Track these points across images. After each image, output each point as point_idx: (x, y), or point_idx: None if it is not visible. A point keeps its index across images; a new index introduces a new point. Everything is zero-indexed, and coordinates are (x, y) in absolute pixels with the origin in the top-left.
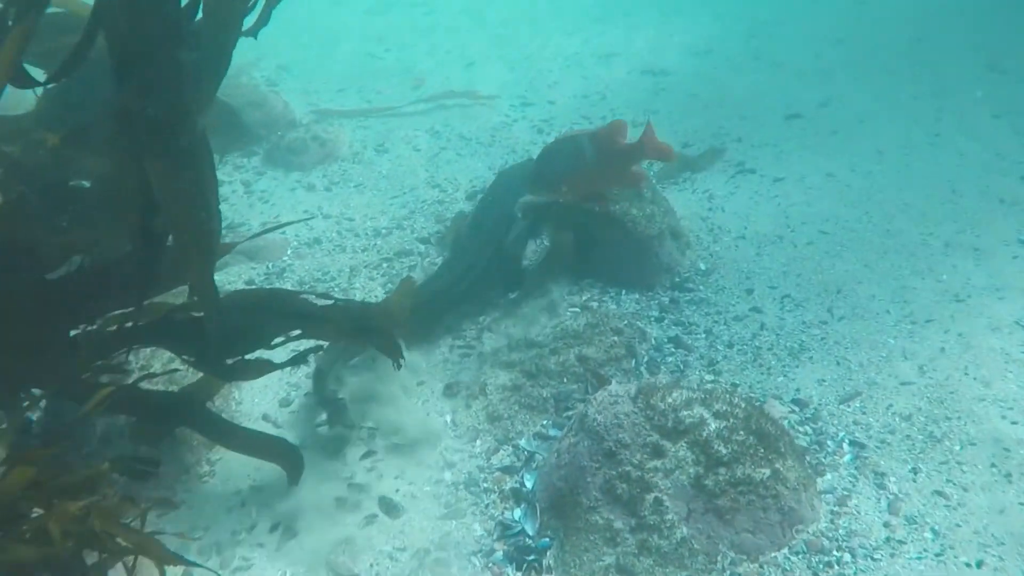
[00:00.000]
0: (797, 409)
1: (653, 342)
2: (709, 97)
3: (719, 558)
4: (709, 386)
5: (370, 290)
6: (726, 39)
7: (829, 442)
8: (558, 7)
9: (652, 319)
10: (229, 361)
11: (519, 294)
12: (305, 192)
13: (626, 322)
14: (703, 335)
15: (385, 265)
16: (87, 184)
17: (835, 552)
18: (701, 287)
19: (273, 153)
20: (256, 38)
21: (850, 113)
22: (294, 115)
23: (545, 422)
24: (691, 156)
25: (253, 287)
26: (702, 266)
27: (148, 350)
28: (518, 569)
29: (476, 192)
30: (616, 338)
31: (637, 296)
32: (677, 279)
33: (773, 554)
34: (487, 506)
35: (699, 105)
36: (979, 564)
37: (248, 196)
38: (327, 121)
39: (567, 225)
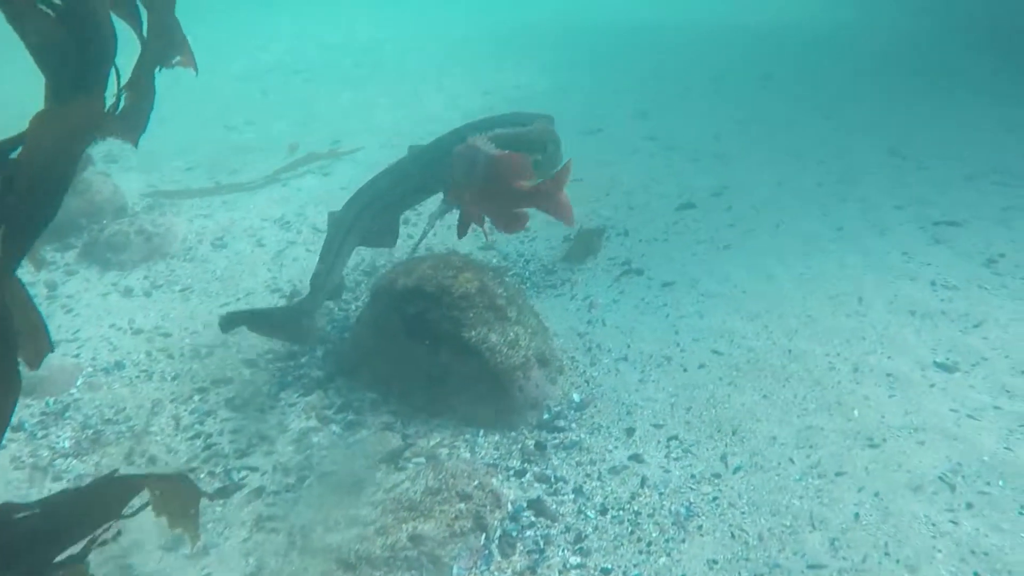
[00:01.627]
0: None
1: (509, 509)
2: (596, 183)
3: None
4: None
5: (169, 439)
6: (618, 117)
7: None
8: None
9: (511, 473)
10: None
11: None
12: (120, 298)
13: (477, 482)
14: (571, 495)
15: (198, 398)
16: None
17: None
18: (574, 425)
19: (91, 248)
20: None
21: (748, 202)
22: (124, 201)
23: None
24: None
25: None
26: (576, 397)
27: None
28: None
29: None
30: (463, 506)
31: (497, 439)
32: (546, 415)
33: None
34: None
35: (583, 194)
36: None
37: (49, 302)
38: (163, 208)
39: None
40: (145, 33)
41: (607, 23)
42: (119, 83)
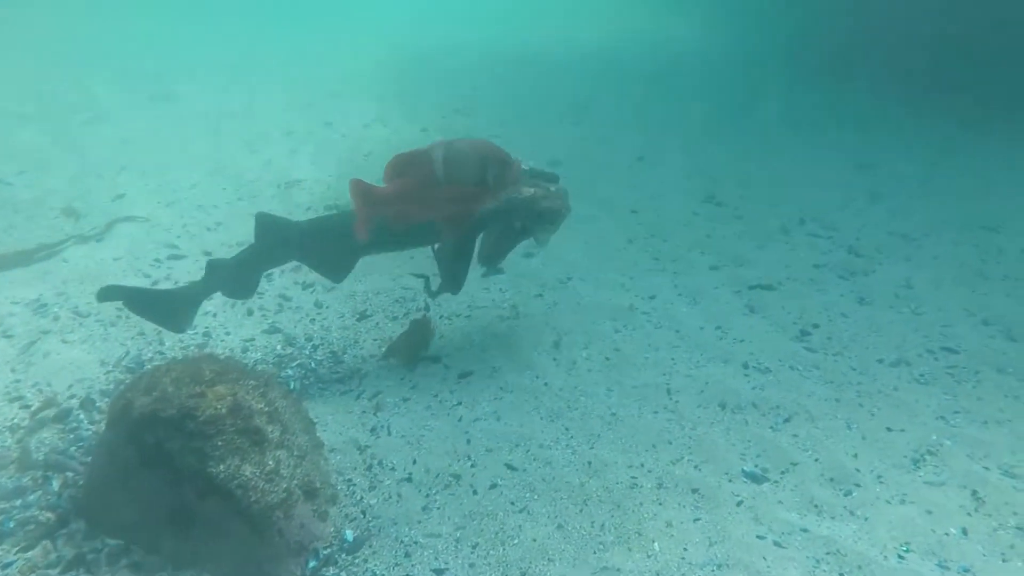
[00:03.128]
0: None
1: None
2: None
3: None
4: None
5: None
6: None
7: None
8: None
9: None
10: None
11: None
12: None
13: None
14: None
15: None
16: None
17: None
18: (343, 574)
19: None
20: None
21: (556, 269)
22: None
23: None
24: (416, 321)
25: None
26: (349, 535)
27: None
28: None
29: (70, 411)
30: None
31: None
32: (312, 562)
33: None
34: None
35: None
36: None
37: None
38: None
39: None
40: None
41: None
42: None
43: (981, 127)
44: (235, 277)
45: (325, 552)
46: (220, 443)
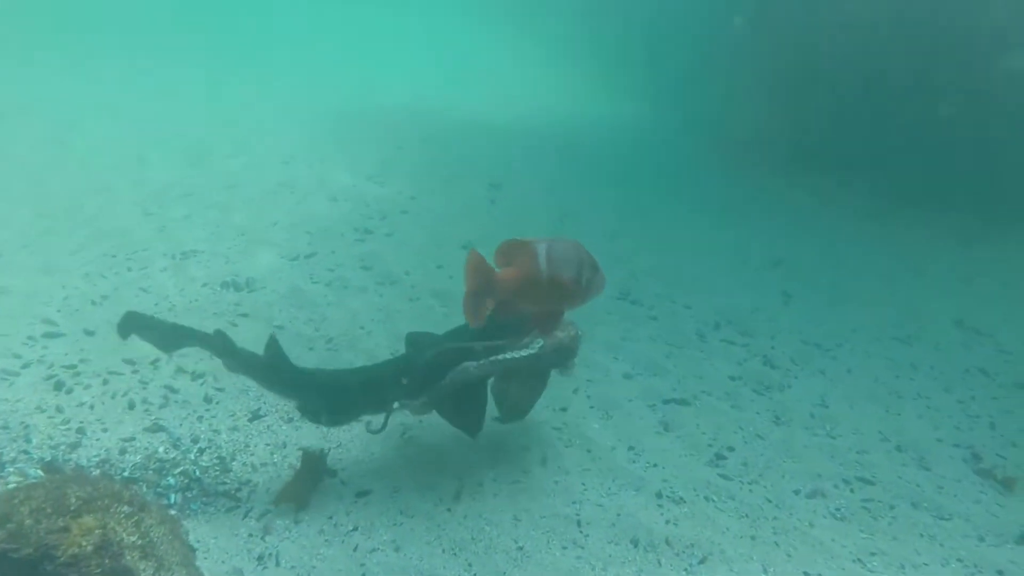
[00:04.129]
0: None
1: None
2: (295, 330)
3: None
4: None
5: None
6: (332, 235)
7: None
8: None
9: None
10: None
11: None
12: None
13: None
14: None
15: None
16: None
17: None
18: None
19: None
20: None
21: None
22: None
23: None
24: (309, 452)
25: None
26: None
27: None
28: None
29: None
30: None
31: None
32: None
33: None
34: None
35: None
36: None
37: None
38: None
39: None
40: None
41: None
42: None
43: (884, 218)
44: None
45: None
46: None
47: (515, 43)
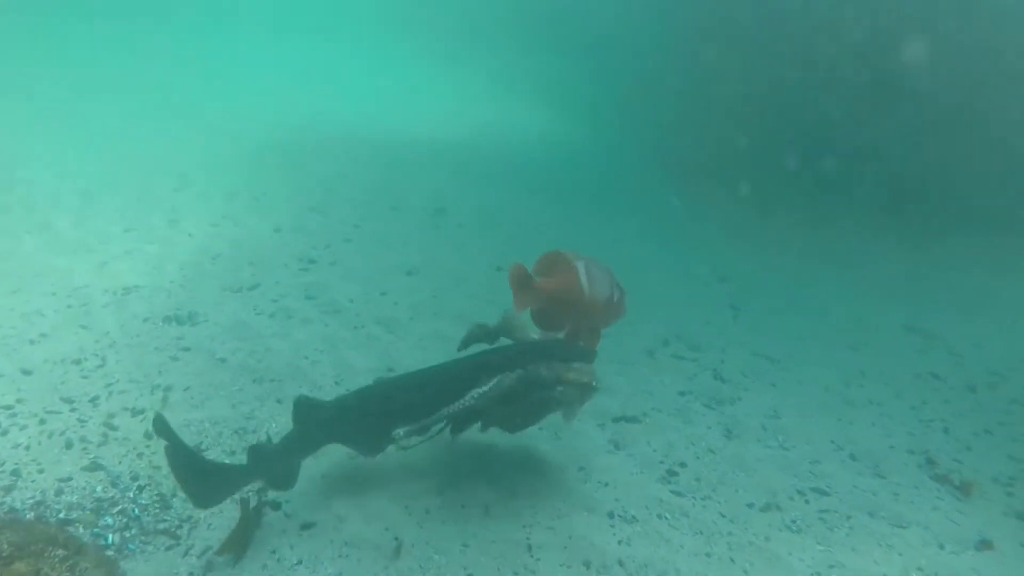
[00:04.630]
0: None
1: None
2: (241, 365)
3: None
4: None
5: None
6: (277, 264)
7: None
8: None
9: None
10: None
11: None
12: None
13: None
14: None
15: None
16: None
17: None
18: None
19: None
20: None
21: None
22: None
23: None
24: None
25: None
26: None
27: None
28: None
29: None
30: None
31: None
32: None
33: None
34: None
35: (214, 383)
36: None
37: None
38: None
39: None
40: None
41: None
42: None
43: (826, 228)
44: (278, 465)
45: None
46: None
47: (458, 72)
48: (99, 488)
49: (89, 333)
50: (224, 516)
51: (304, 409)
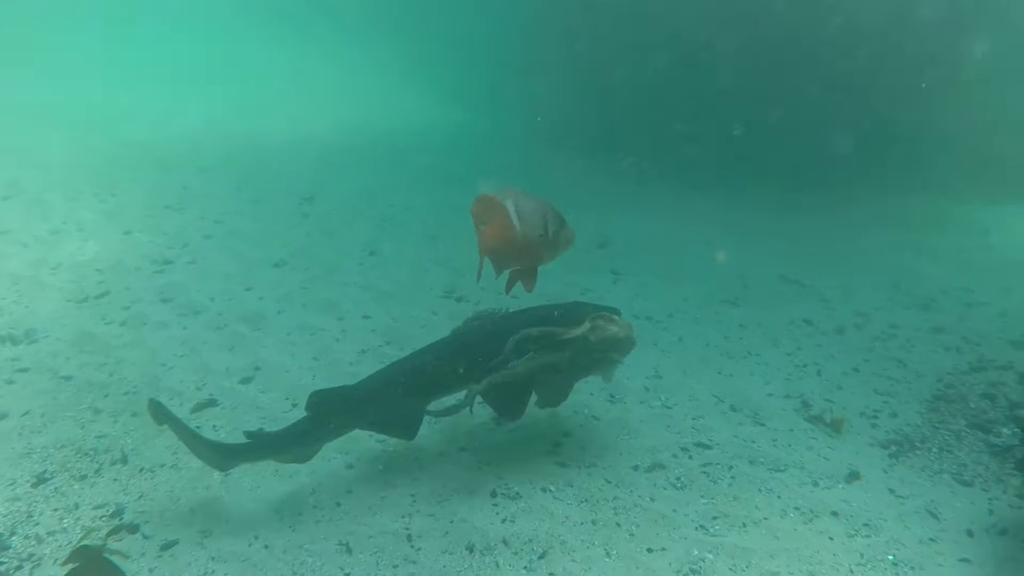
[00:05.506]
0: None
1: None
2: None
3: None
4: None
5: None
6: (127, 267)
7: None
8: None
9: None
10: None
11: None
12: None
13: None
14: None
15: None
16: None
17: None
18: None
19: None
20: None
21: (278, 392)
22: None
23: None
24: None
25: None
26: None
27: None
28: None
29: None
30: None
31: None
32: None
33: None
34: None
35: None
36: None
37: None
38: None
39: None
40: None
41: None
42: None
43: (706, 194)
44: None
45: None
46: None
47: (334, 64)
48: None
49: None
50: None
51: (322, 400)
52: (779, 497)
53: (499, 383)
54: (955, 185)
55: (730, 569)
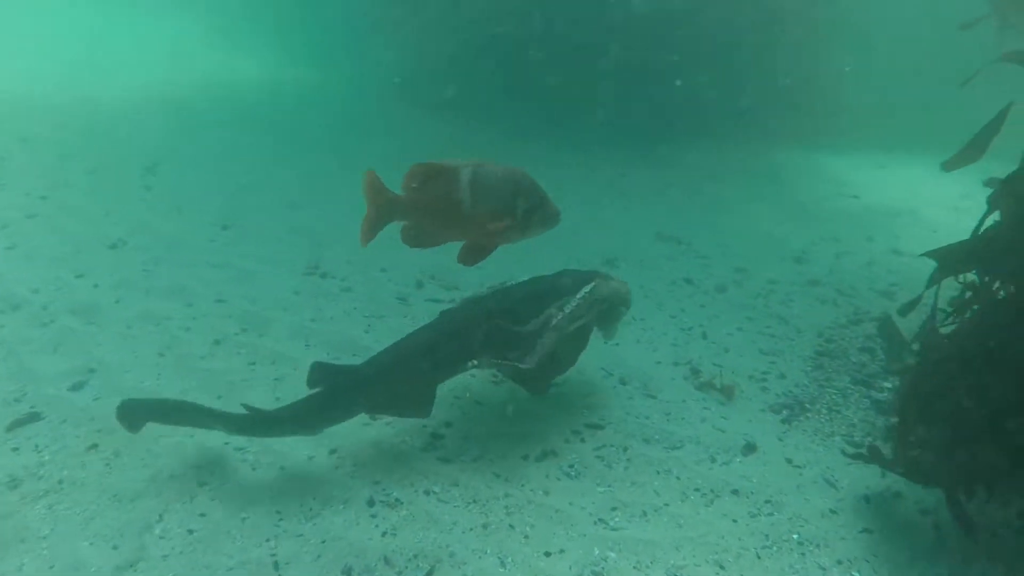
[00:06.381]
0: None
1: None
2: None
3: None
4: None
5: None
6: None
7: None
8: None
9: None
10: None
11: None
12: None
13: None
14: None
15: None
16: None
17: None
18: None
19: None
20: None
21: (115, 396)
22: None
23: None
24: None
25: None
26: None
27: None
28: None
29: None
30: None
31: None
32: None
33: None
34: None
35: None
36: None
37: None
38: None
39: None
40: None
41: None
42: None
43: (582, 153)
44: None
45: None
46: None
47: (171, 24)
48: None
49: None
50: None
51: (325, 375)
52: (678, 479)
53: (549, 351)
54: (814, 137)
55: (634, 568)
